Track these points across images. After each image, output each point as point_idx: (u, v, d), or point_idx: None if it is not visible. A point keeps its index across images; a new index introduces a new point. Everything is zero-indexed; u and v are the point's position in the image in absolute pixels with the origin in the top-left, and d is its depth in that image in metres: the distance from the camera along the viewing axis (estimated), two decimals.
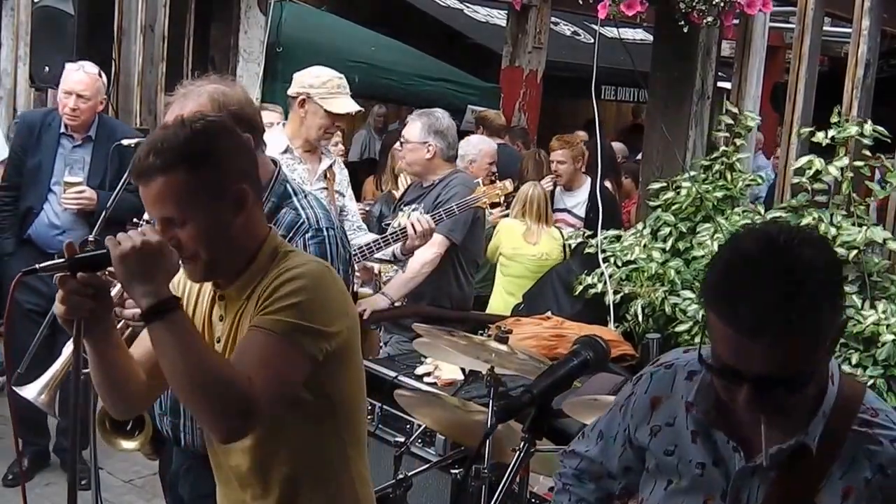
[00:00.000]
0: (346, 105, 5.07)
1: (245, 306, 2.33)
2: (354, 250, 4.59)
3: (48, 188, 5.43)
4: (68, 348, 2.94)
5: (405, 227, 4.86)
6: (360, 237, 5.10)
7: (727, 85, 7.16)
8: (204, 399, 2.12)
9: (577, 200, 7.43)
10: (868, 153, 5.33)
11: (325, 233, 2.90)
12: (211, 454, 2.56)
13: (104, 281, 2.17)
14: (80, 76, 5.40)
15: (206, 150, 2.26)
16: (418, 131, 5.20)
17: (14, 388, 3.20)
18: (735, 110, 5.81)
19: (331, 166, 5.16)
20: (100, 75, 5.48)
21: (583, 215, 7.28)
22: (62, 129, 5.44)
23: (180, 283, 2.49)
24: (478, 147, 6.94)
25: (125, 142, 4.58)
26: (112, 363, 2.32)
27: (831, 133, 5.28)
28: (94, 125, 5.47)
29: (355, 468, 2.51)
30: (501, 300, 6.44)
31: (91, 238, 4.11)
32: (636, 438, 2.12)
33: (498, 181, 5.48)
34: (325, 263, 2.43)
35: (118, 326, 2.54)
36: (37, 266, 2.12)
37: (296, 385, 2.26)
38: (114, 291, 2.28)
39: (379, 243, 4.99)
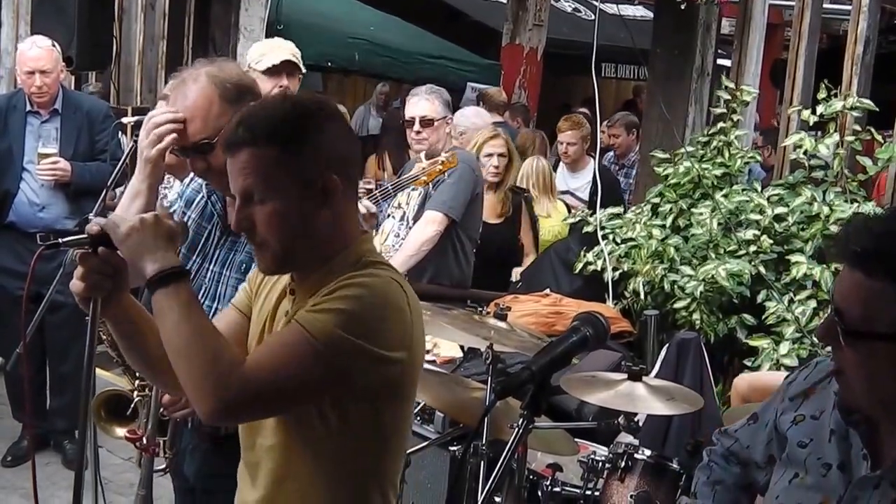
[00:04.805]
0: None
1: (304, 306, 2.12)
2: None
3: (22, 168, 5.36)
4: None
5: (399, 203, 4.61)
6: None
7: (727, 62, 7.17)
8: (189, 369, 2.01)
9: (581, 182, 7.40)
10: (859, 128, 5.34)
11: None
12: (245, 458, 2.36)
13: (123, 260, 2.09)
14: (37, 52, 5.30)
15: (302, 130, 2.11)
16: (440, 108, 5.05)
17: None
18: (732, 85, 5.81)
19: None
20: (53, 45, 5.38)
21: (586, 198, 7.23)
22: (28, 108, 5.38)
23: (257, 275, 2.37)
24: (471, 120, 6.79)
25: (125, 120, 4.52)
26: (139, 341, 2.22)
27: (820, 110, 5.29)
28: (59, 98, 5.40)
29: None
30: None
31: (92, 216, 4.10)
32: (780, 423, 2.07)
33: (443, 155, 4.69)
34: (405, 287, 2.21)
35: None
36: (60, 240, 2.09)
37: (311, 394, 2.08)
38: None
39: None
